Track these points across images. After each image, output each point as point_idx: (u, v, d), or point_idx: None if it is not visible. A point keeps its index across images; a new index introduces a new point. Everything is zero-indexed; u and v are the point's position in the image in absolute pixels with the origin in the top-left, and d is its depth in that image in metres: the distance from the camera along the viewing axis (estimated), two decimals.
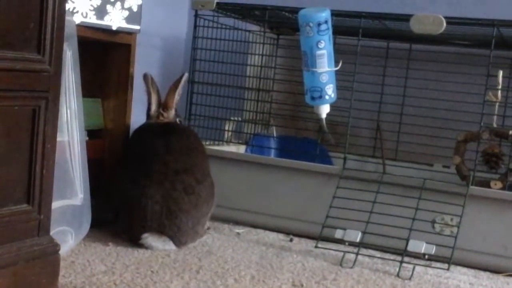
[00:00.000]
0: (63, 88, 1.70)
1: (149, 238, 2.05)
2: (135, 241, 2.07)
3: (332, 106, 2.24)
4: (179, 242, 2.08)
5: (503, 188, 2.24)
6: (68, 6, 1.91)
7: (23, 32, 1.39)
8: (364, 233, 2.20)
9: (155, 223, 2.06)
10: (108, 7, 2.11)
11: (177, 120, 2.36)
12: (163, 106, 2.31)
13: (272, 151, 2.80)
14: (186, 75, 2.36)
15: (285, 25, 2.86)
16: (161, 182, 2.07)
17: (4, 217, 1.40)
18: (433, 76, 2.72)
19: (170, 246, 2.07)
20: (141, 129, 2.28)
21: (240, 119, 2.85)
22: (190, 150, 2.19)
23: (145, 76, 2.28)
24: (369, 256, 2.21)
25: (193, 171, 2.14)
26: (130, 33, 2.26)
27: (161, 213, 2.06)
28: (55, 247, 1.52)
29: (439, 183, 2.28)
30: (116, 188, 2.16)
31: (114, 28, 2.16)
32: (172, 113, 2.32)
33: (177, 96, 2.33)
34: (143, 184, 2.07)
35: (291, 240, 2.37)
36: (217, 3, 2.60)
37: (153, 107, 2.31)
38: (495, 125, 2.33)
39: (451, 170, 2.41)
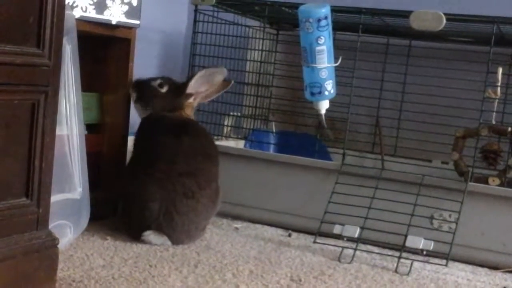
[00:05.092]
0: (63, 82, 1.70)
1: (150, 236, 2.06)
2: (135, 238, 2.07)
3: (332, 102, 2.24)
4: (175, 241, 2.08)
5: (501, 185, 2.25)
6: (68, 0, 1.91)
7: (22, 26, 1.39)
8: (362, 228, 2.20)
9: (153, 223, 2.06)
10: (108, 1, 2.11)
11: None
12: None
13: (271, 147, 2.80)
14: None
15: (285, 21, 2.86)
16: (163, 182, 2.06)
17: (2, 210, 1.40)
18: (433, 72, 2.72)
19: (169, 243, 2.08)
20: (156, 121, 2.24)
21: (239, 114, 2.86)
22: (199, 154, 2.15)
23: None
24: (367, 251, 2.22)
25: (197, 175, 2.11)
26: (130, 28, 2.26)
27: (159, 212, 2.05)
28: (54, 241, 1.52)
29: (438, 179, 2.28)
30: (120, 182, 2.17)
31: (113, 22, 2.16)
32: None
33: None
34: (145, 181, 2.07)
35: (289, 235, 2.37)
36: None
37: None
38: (494, 122, 2.34)
39: (449, 166, 2.42)
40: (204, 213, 2.15)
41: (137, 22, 2.25)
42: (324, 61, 2.16)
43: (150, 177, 2.07)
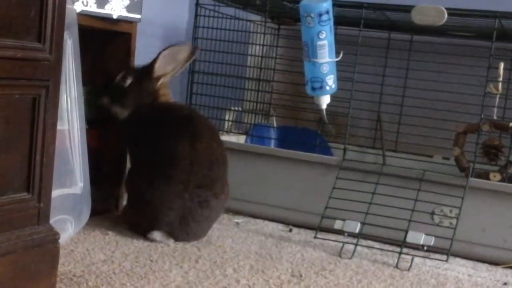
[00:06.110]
0: (64, 76, 1.69)
1: (158, 237, 2.06)
2: (141, 235, 2.08)
3: (333, 97, 2.24)
4: (183, 241, 2.09)
5: (502, 180, 2.25)
6: None
7: (23, 21, 1.38)
8: (363, 224, 2.20)
9: (166, 226, 2.06)
10: None
11: None
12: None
13: (272, 142, 2.80)
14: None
15: (286, 15, 2.86)
16: (181, 193, 2.05)
17: (3, 205, 1.40)
18: (434, 67, 2.72)
19: (172, 241, 2.08)
20: (155, 118, 2.19)
21: (240, 109, 2.85)
22: (214, 162, 2.14)
23: None
24: (368, 247, 2.22)
25: (213, 186, 2.11)
26: (131, 22, 2.25)
27: (174, 218, 2.05)
28: (55, 236, 1.52)
29: (439, 175, 2.28)
30: (131, 184, 2.15)
31: (114, 17, 2.15)
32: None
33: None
34: (163, 190, 2.05)
35: (290, 230, 2.37)
36: None
37: None
38: (495, 117, 2.33)
39: (451, 162, 2.42)
40: (216, 217, 2.18)
41: (138, 16, 2.24)
42: (325, 56, 2.15)
43: (168, 187, 2.05)
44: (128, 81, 2.21)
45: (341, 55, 2.19)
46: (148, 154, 2.13)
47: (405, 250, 2.12)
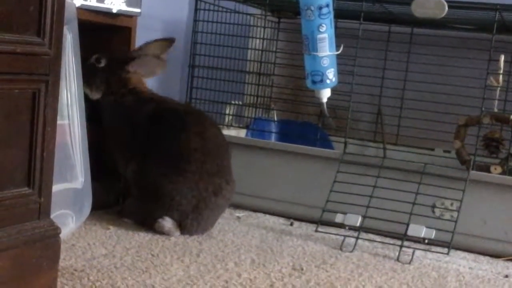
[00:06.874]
0: (64, 71, 1.69)
1: (168, 223, 2.06)
2: (148, 223, 2.08)
3: (333, 90, 2.24)
4: (190, 233, 2.09)
5: (503, 173, 2.25)
6: None
7: (23, 15, 1.38)
8: (364, 217, 2.20)
9: (178, 215, 2.06)
10: None
11: None
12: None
13: (273, 135, 2.80)
14: None
15: (286, 9, 2.85)
16: (196, 184, 2.08)
17: (4, 200, 1.40)
18: (435, 60, 2.72)
19: (178, 234, 2.08)
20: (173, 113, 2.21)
21: (240, 103, 2.85)
22: (222, 152, 2.18)
23: None
24: (369, 240, 2.22)
25: (224, 173, 2.14)
26: (131, 16, 2.25)
27: (187, 207, 2.06)
28: (56, 230, 1.52)
29: (440, 168, 2.28)
30: (144, 177, 2.14)
31: (114, 11, 2.15)
32: None
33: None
34: (178, 181, 2.07)
35: (291, 224, 2.37)
36: None
37: None
38: (496, 110, 2.33)
39: (451, 155, 2.41)
40: (225, 207, 2.19)
41: (137, 10, 2.24)
42: (326, 49, 2.15)
43: (183, 179, 2.07)
44: (102, 63, 2.23)
45: (341, 48, 2.19)
46: (157, 148, 2.13)
47: (406, 243, 2.12)
